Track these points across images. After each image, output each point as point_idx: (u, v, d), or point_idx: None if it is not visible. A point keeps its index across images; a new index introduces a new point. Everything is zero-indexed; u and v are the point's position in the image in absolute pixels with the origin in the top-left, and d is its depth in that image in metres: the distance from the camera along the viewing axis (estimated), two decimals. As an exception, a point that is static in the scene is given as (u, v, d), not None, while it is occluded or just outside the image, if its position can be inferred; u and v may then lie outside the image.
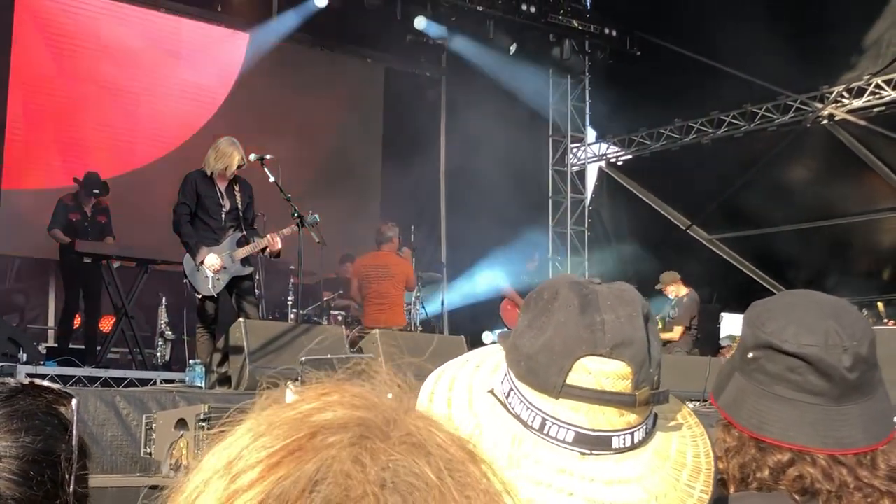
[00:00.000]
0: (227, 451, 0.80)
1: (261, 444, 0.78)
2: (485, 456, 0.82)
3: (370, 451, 0.76)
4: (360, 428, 0.78)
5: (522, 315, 1.45)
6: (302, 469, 0.75)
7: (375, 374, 0.89)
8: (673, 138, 17.70)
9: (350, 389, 0.84)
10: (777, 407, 1.73)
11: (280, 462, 0.76)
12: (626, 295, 1.41)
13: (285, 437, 0.78)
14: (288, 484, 0.74)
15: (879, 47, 15.26)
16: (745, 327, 1.82)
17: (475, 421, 1.42)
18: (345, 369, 0.91)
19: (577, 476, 1.34)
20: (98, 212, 11.78)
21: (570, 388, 1.35)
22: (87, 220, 11.64)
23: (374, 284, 12.22)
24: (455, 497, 0.75)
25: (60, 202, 11.66)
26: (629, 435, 1.37)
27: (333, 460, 0.75)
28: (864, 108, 15.48)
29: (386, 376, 0.89)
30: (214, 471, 0.79)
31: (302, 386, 0.85)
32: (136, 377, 9.83)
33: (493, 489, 0.79)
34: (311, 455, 0.76)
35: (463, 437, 0.82)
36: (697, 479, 1.41)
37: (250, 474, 0.76)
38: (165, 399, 7.09)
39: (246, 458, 0.77)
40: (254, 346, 8.65)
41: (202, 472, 0.80)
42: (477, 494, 0.77)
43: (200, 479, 0.79)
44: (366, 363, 0.92)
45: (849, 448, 1.69)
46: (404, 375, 0.91)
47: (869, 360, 1.72)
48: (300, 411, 0.81)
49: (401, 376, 0.90)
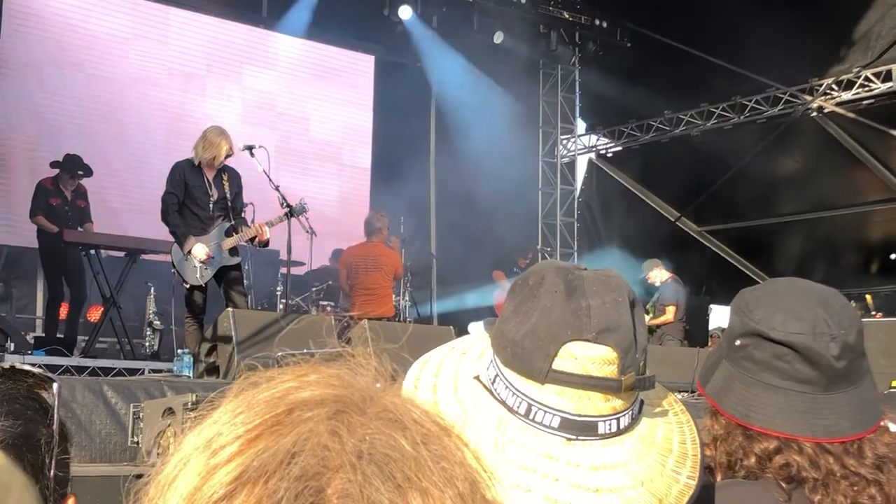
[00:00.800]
0: (206, 431, 0.81)
1: (240, 420, 0.79)
2: (459, 432, 0.83)
3: (347, 424, 0.77)
4: (338, 404, 0.79)
5: (508, 301, 1.45)
6: (280, 442, 0.75)
7: (352, 358, 0.89)
8: (663, 130, 17.74)
9: (327, 370, 0.85)
10: (764, 394, 1.73)
11: (259, 436, 0.77)
12: (612, 280, 1.40)
13: (263, 414, 0.79)
14: (266, 456, 0.75)
15: (868, 40, 15.29)
16: (733, 315, 1.82)
17: (461, 407, 1.42)
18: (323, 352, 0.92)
19: (563, 461, 1.34)
20: (78, 196, 11.67)
21: (555, 373, 1.34)
22: (68, 205, 11.53)
23: (362, 275, 12.23)
24: (431, 467, 0.76)
25: (40, 186, 11.53)
26: (615, 420, 1.36)
27: (311, 433, 0.76)
28: (854, 100, 15.52)
29: (363, 360, 0.89)
30: (194, 448, 0.80)
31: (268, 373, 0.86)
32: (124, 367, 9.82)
33: (467, 462, 0.80)
34: (288, 429, 0.77)
35: (438, 414, 0.83)
36: (684, 465, 1.40)
37: (229, 449, 0.77)
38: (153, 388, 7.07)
39: (225, 435, 0.78)
40: (242, 335, 8.64)
41: (182, 451, 0.81)
42: (452, 466, 0.78)
43: (180, 457, 0.80)
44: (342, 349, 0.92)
45: (836, 436, 1.69)
46: (381, 360, 0.91)
47: (856, 348, 1.72)
48: (278, 390, 0.82)
49: (378, 360, 0.91)
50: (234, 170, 9.88)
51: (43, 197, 11.41)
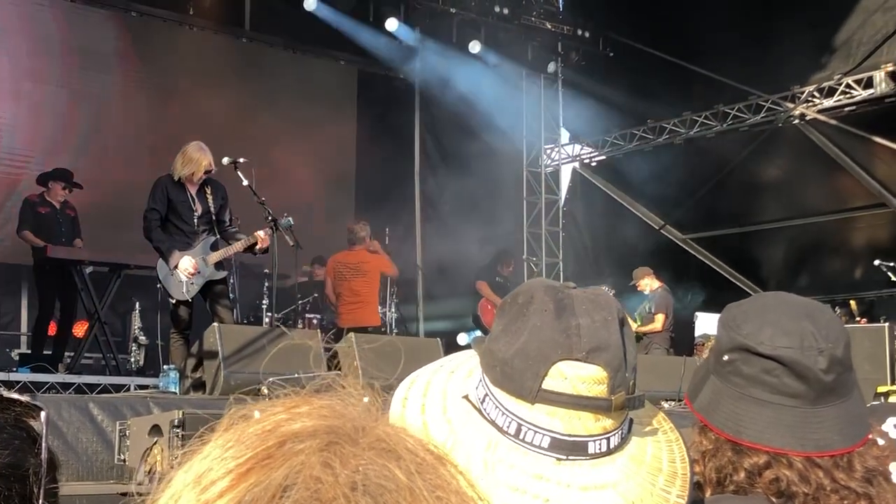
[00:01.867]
0: (196, 466, 0.80)
1: (230, 455, 0.78)
2: (454, 460, 0.82)
3: (340, 455, 0.76)
4: (330, 435, 0.78)
5: (497, 320, 1.44)
6: (271, 476, 0.75)
7: (343, 388, 0.89)
8: (646, 139, 17.76)
9: (318, 402, 0.84)
10: (753, 409, 1.73)
11: (250, 471, 0.76)
12: (601, 299, 1.40)
13: (255, 448, 0.78)
14: (258, 490, 0.74)
15: (850, 47, 15.36)
16: (720, 329, 1.82)
17: (450, 427, 1.41)
18: (312, 384, 0.91)
19: (553, 482, 1.33)
20: (67, 206, 11.63)
21: (545, 392, 1.34)
22: (58, 213, 11.47)
23: (346, 282, 12.23)
24: (426, 497, 0.75)
25: (26, 201, 11.44)
26: (605, 440, 1.36)
27: (303, 466, 0.75)
28: (835, 107, 15.57)
29: (353, 390, 0.88)
30: (184, 484, 0.79)
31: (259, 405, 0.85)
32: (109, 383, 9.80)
33: (462, 490, 0.79)
34: (280, 462, 0.76)
35: (432, 443, 0.83)
36: (673, 484, 1.40)
37: (220, 484, 0.76)
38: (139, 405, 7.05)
39: (216, 470, 0.78)
40: (228, 350, 8.61)
41: (173, 487, 0.80)
42: (448, 495, 0.77)
43: (170, 494, 0.79)
44: (332, 378, 0.91)
45: (825, 450, 1.69)
46: (372, 387, 0.91)
47: (844, 361, 1.72)
48: (268, 423, 0.81)
49: (369, 389, 0.90)
50: (217, 182, 9.83)
51: (30, 210, 11.33)
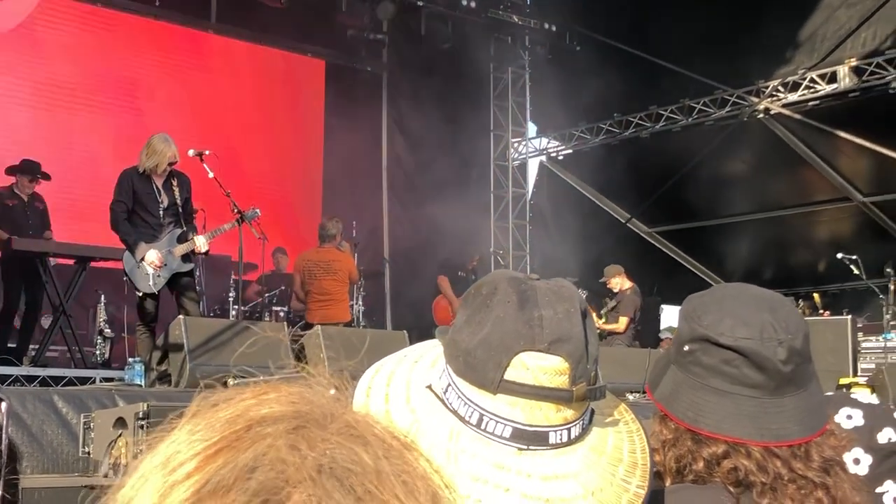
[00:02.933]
0: (164, 450, 0.80)
1: (198, 438, 0.79)
2: (420, 447, 0.83)
3: (307, 439, 0.76)
4: (298, 420, 0.79)
5: (461, 310, 1.45)
6: (238, 458, 0.75)
7: (312, 377, 0.89)
8: (612, 133, 17.83)
9: (287, 388, 0.85)
10: (713, 399, 1.74)
11: (217, 452, 0.76)
12: (564, 291, 1.41)
13: (222, 431, 0.78)
14: (225, 472, 0.74)
15: (814, 42, 15.47)
16: (681, 320, 1.83)
17: (413, 416, 1.41)
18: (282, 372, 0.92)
19: (514, 471, 1.34)
20: (35, 199, 11.53)
21: (507, 383, 1.34)
22: (26, 206, 11.36)
23: (317, 281, 12.18)
24: (392, 481, 0.76)
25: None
26: (566, 430, 1.37)
27: (270, 448, 0.75)
28: (800, 102, 15.69)
29: (323, 378, 0.89)
30: (152, 466, 0.79)
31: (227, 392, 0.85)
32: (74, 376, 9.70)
33: (428, 476, 0.80)
34: (247, 444, 0.76)
35: (399, 430, 0.83)
36: (634, 475, 1.41)
37: (187, 466, 0.76)
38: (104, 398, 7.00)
39: (183, 452, 0.78)
40: (194, 343, 8.57)
41: (140, 471, 0.80)
42: (413, 479, 0.77)
43: (138, 476, 0.79)
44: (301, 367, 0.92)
45: (783, 440, 1.71)
46: (342, 377, 0.91)
47: (803, 353, 1.73)
48: (237, 408, 0.81)
49: (339, 377, 0.90)
50: (183, 175, 9.78)
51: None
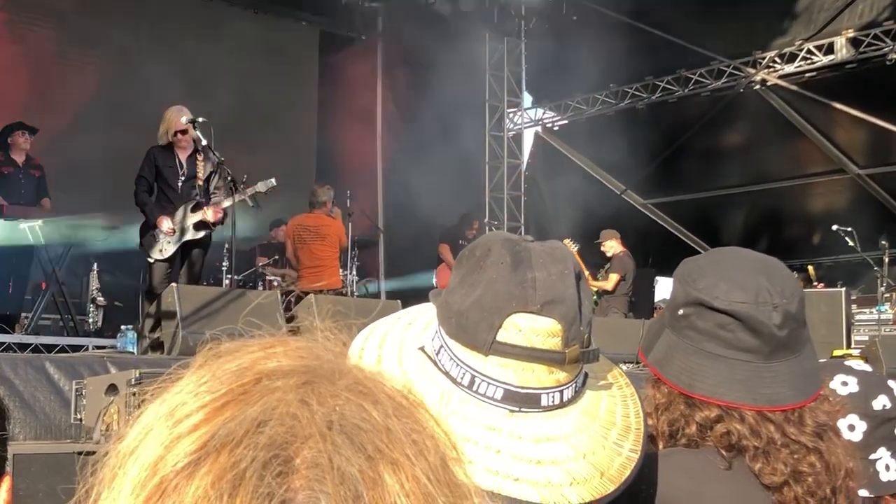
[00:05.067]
0: (170, 400, 0.79)
1: (205, 389, 0.78)
2: (429, 407, 0.82)
3: (317, 394, 0.76)
4: (307, 374, 0.78)
5: (455, 272, 1.44)
6: (246, 411, 0.74)
7: (318, 331, 0.88)
8: (608, 103, 17.79)
9: (294, 342, 0.84)
10: (707, 363, 1.73)
11: (225, 405, 0.76)
12: (558, 253, 1.40)
13: (230, 383, 0.77)
14: (233, 425, 0.73)
15: (811, 13, 15.43)
16: (676, 284, 1.82)
17: (404, 377, 1.40)
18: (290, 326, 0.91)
19: (506, 433, 1.33)
20: (31, 165, 11.45)
21: (499, 344, 1.34)
22: (22, 173, 11.30)
23: (306, 246, 12.20)
24: (402, 439, 0.75)
25: None
26: (558, 393, 1.36)
27: (279, 402, 0.74)
28: (796, 73, 15.67)
29: (330, 334, 0.88)
30: (157, 417, 0.78)
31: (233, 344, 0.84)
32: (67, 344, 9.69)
33: (437, 435, 0.79)
34: (256, 398, 0.75)
35: (412, 390, 0.83)
36: (627, 438, 1.40)
37: (194, 418, 0.75)
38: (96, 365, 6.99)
39: (189, 404, 0.77)
40: (186, 311, 8.56)
41: (144, 420, 0.79)
42: (423, 439, 0.77)
43: (142, 426, 0.78)
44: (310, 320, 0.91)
45: (777, 405, 1.70)
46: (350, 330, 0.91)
47: (798, 317, 1.72)
48: (244, 360, 0.80)
49: (345, 333, 0.90)
50: (216, 156, 9.90)
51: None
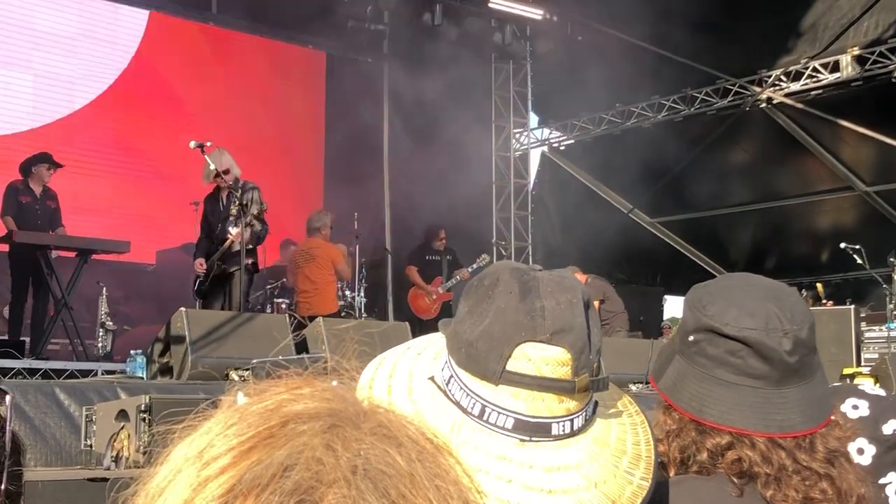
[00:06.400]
0: (197, 441, 0.80)
1: (232, 432, 0.78)
2: (453, 450, 0.83)
3: (342, 438, 0.76)
4: (332, 418, 0.78)
5: (463, 301, 1.44)
6: (273, 455, 0.75)
7: (344, 371, 0.90)
8: (614, 123, 17.81)
9: (320, 384, 0.85)
10: (717, 390, 1.73)
11: (252, 449, 0.76)
12: (567, 282, 1.40)
13: (257, 426, 0.78)
14: (260, 469, 0.74)
15: (816, 31, 15.45)
16: (686, 310, 1.82)
17: (415, 408, 1.41)
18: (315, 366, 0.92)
19: (516, 463, 1.33)
20: (47, 196, 11.57)
21: (509, 374, 1.34)
22: (38, 203, 11.40)
23: (300, 270, 12.23)
24: (426, 484, 0.75)
25: (10, 186, 11.39)
26: (569, 422, 1.36)
27: (305, 446, 0.75)
28: (802, 91, 15.68)
29: (354, 373, 0.89)
30: (185, 459, 0.78)
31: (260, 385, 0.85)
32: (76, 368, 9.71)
33: (461, 481, 0.79)
34: (282, 442, 0.76)
35: (436, 433, 0.83)
36: (638, 467, 1.40)
37: (222, 461, 0.76)
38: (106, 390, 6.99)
39: (217, 446, 0.78)
40: (196, 335, 8.57)
41: (172, 462, 0.79)
42: (447, 485, 0.77)
43: (170, 468, 0.79)
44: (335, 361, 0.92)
45: (788, 431, 1.70)
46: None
47: (808, 343, 1.72)
48: (271, 402, 0.81)
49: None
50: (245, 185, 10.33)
51: (13, 196, 11.30)
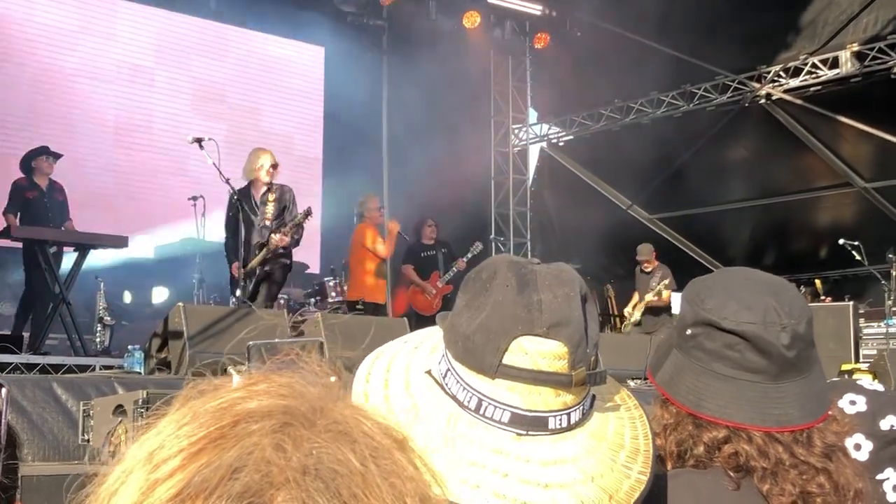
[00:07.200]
0: (149, 442, 0.79)
1: (183, 433, 0.77)
2: (415, 445, 0.82)
3: (293, 438, 0.75)
4: (285, 416, 0.77)
5: (461, 295, 1.44)
6: (223, 457, 0.74)
7: (305, 364, 0.87)
8: (613, 119, 17.79)
9: (277, 379, 0.83)
10: (715, 384, 1.73)
11: (201, 450, 0.75)
12: (564, 275, 1.40)
13: (208, 426, 0.77)
14: (208, 472, 0.73)
15: (815, 27, 15.43)
16: (685, 304, 1.82)
17: (412, 401, 1.41)
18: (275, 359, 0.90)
19: (513, 457, 1.33)
20: (54, 189, 11.55)
21: (506, 367, 1.33)
22: (46, 197, 11.38)
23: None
24: (379, 483, 0.74)
25: (15, 185, 11.39)
26: (565, 416, 1.36)
27: (255, 447, 0.74)
28: (801, 87, 15.66)
29: (316, 366, 0.87)
30: (136, 461, 0.78)
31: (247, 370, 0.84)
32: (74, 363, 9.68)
33: (419, 476, 0.78)
34: (232, 443, 0.75)
35: (391, 426, 0.82)
36: (635, 461, 1.40)
37: (171, 463, 0.75)
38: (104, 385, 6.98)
39: (168, 448, 0.77)
40: (193, 330, 8.56)
41: (125, 463, 0.79)
42: (402, 481, 0.76)
43: (123, 469, 0.78)
44: (295, 353, 0.90)
45: (785, 426, 1.70)
46: (335, 364, 0.89)
47: (806, 338, 1.72)
48: (225, 400, 0.80)
49: (331, 365, 0.89)
50: (283, 188, 10.33)
51: (19, 194, 11.29)
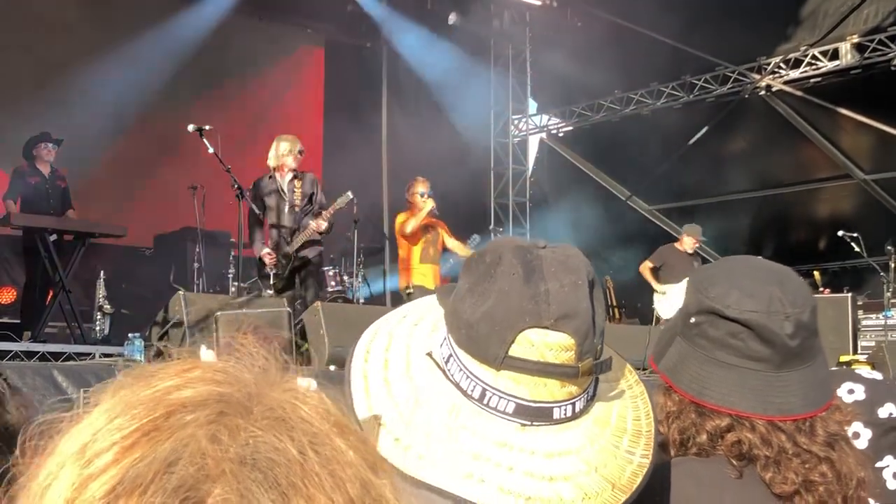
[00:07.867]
0: (81, 434, 0.76)
1: (115, 425, 0.75)
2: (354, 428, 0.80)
3: (229, 428, 0.73)
4: (220, 405, 0.76)
5: (463, 277, 1.40)
6: (157, 450, 0.72)
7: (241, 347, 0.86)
8: (613, 109, 17.77)
9: (213, 364, 0.81)
10: (718, 372, 1.73)
11: (135, 444, 0.73)
12: (571, 261, 1.36)
13: (141, 418, 0.75)
14: (142, 466, 0.71)
15: (816, 18, 15.41)
16: (689, 292, 1.81)
17: (412, 385, 1.38)
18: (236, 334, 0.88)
19: (517, 449, 1.31)
20: (56, 176, 11.52)
21: (511, 359, 1.31)
22: (48, 184, 11.35)
23: None
24: (318, 471, 0.73)
25: (16, 171, 11.35)
26: (570, 405, 1.34)
27: (190, 439, 0.72)
28: (801, 78, 15.65)
29: (252, 349, 0.86)
30: (68, 455, 0.75)
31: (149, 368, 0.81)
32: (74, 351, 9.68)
33: (360, 462, 0.77)
34: (166, 435, 0.73)
35: (330, 409, 0.80)
36: (638, 444, 1.39)
37: (104, 458, 0.73)
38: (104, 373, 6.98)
39: (100, 441, 0.74)
40: (193, 318, 8.57)
41: (56, 457, 0.76)
42: (342, 468, 0.75)
43: (54, 463, 0.76)
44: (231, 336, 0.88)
45: (788, 414, 1.69)
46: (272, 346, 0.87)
47: (810, 327, 1.72)
48: (158, 389, 0.78)
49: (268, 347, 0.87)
50: (308, 175, 10.32)
51: (20, 180, 11.25)
